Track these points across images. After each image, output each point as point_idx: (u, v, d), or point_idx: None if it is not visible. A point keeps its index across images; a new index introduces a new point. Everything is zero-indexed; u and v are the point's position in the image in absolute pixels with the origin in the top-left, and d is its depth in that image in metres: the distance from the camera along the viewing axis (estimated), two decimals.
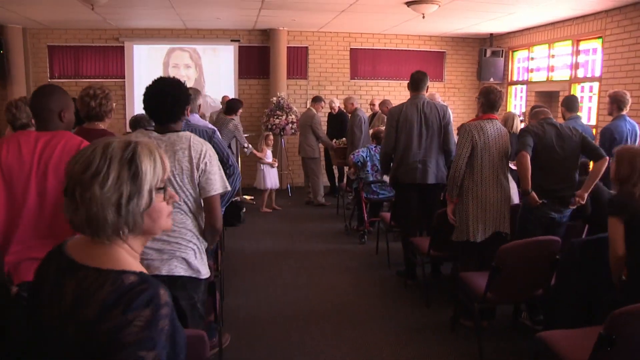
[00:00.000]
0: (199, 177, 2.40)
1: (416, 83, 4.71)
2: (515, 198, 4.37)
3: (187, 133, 2.44)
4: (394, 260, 5.32)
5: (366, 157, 6.21)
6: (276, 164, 7.97)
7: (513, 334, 3.81)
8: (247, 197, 8.47)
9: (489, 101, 3.92)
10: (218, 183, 2.46)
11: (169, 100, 2.40)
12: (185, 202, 2.40)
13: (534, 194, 3.78)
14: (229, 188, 2.59)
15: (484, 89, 4.02)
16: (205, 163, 2.40)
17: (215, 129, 3.53)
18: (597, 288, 3.09)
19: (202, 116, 4.96)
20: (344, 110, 8.34)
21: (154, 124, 2.49)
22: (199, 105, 3.93)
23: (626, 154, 2.96)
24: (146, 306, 1.14)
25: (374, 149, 6.27)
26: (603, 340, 2.25)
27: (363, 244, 6.16)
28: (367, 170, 6.20)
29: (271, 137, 8.10)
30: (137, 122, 4.81)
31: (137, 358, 1.10)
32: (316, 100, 8.33)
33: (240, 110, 7.67)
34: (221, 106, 8.79)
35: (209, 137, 3.26)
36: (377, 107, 8.49)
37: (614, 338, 2.23)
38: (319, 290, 4.73)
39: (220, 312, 3.95)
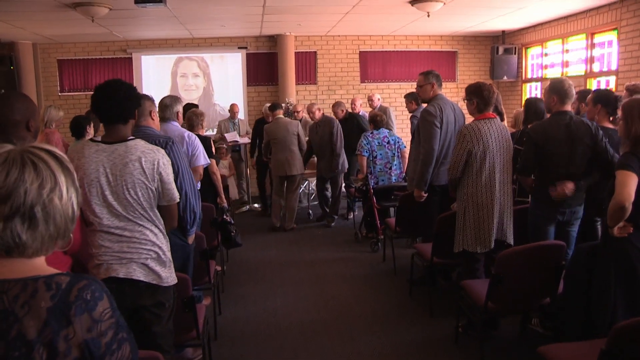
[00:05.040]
0: (156, 188, 2.30)
1: (439, 80, 4.55)
2: None
3: (137, 141, 2.31)
4: (400, 268, 5.12)
5: (373, 145, 6.06)
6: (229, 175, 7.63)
7: (521, 346, 3.57)
8: (256, 205, 8.35)
9: (485, 99, 3.62)
10: (175, 192, 2.38)
11: (122, 93, 2.28)
12: (141, 214, 2.29)
13: None
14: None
15: (473, 87, 3.70)
16: (160, 173, 2.29)
17: (170, 139, 2.88)
18: (608, 296, 2.85)
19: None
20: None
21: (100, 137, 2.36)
22: (177, 113, 3.78)
23: (636, 109, 2.64)
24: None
25: (370, 135, 6.08)
26: (604, 356, 2.04)
27: (376, 252, 5.89)
28: (378, 156, 6.03)
29: (223, 148, 7.72)
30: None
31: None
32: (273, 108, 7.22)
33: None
34: (229, 114, 8.71)
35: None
36: (301, 114, 7.88)
37: (616, 354, 2.01)
38: (320, 301, 4.55)
39: (214, 326, 3.84)
